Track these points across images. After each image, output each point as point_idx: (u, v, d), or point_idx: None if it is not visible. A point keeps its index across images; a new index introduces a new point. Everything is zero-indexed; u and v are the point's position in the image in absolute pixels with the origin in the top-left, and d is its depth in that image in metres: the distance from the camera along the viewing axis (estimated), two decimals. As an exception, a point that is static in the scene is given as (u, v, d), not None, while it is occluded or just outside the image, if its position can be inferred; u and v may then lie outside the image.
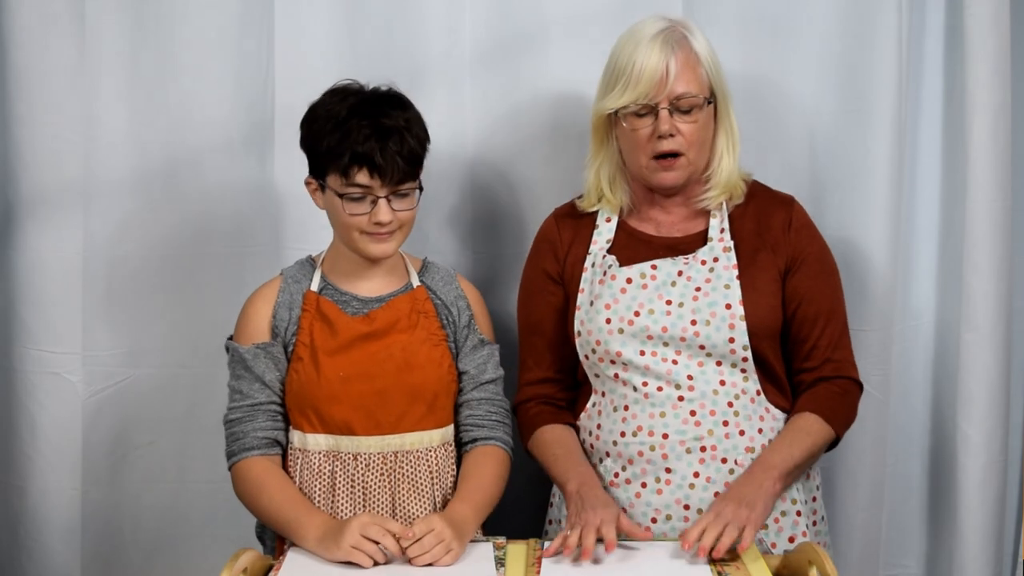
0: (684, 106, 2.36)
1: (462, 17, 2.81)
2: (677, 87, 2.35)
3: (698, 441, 2.38)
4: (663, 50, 2.34)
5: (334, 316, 2.41)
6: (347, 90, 2.36)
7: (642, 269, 2.44)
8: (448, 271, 2.55)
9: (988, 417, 2.76)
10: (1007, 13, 2.71)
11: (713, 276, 2.41)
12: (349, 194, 2.32)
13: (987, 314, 2.75)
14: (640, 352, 2.40)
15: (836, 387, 2.44)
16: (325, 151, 2.31)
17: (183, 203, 2.84)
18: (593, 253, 2.49)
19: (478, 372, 2.48)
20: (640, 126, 2.38)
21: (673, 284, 2.42)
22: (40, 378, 2.85)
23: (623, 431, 2.42)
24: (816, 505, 2.50)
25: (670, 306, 2.40)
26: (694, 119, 2.37)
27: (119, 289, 2.86)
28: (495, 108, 2.83)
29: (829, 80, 2.79)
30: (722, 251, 2.43)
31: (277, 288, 2.45)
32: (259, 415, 2.39)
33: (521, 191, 2.85)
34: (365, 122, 2.29)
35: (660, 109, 2.35)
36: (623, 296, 2.43)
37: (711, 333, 2.38)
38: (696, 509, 2.38)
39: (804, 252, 2.45)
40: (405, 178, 2.33)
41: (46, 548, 2.89)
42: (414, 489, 2.41)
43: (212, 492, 2.85)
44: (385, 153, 2.28)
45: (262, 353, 2.40)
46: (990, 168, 2.72)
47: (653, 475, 2.39)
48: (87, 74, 2.80)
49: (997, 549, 2.82)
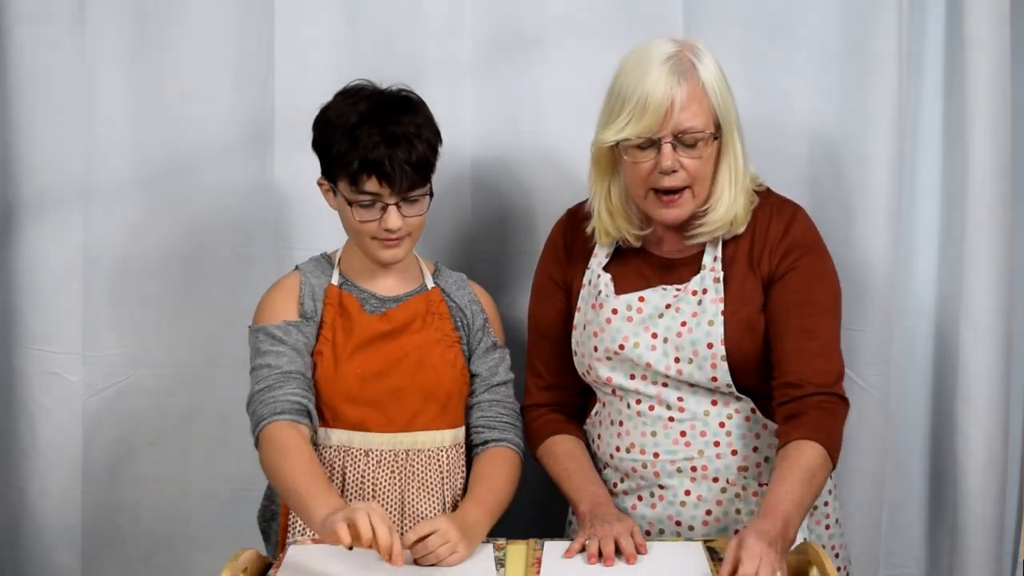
0: (688, 140, 2.24)
1: (463, 18, 2.80)
2: (682, 121, 2.23)
3: (688, 461, 2.36)
4: (669, 81, 2.21)
5: (355, 312, 2.41)
6: (359, 93, 2.36)
7: (629, 301, 2.38)
8: (460, 276, 2.56)
9: (988, 417, 2.76)
10: (1007, 15, 2.71)
11: (700, 310, 2.33)
12: (359, 201, 2.32)
13: (987, 314, 2.74)
14: (630, 376, 2.38)
15: (820, 407, 2.28)
16: (335, 158, 2.32)
17: (183, 204, 2.84)
18: (592, 269, 2.45)
19: (490, 374, 2.49)
20: (642, 159, 2.27)
21: (660, 316, 2.36)
22: (41, 378, 2.85)
23: (618, 446, 2.41)
24: (828, 509, 2.47)
25: (656, 339, 2.35)
26: (698, 154, 2.26)
27: (120, 289, 2.86)
28: (495, 109, 2.82)
29: (829, 82, 2.78)
30: (712, 282, 2.34)
31: (298, 280, 2.44)
32: (290, 381, 2.33)
33: (521, 193, 2.85)
34: (375, 130, 2.28)
35: (663, 143, 2.24)
36: (608, 327, 2.38)
37: (693, 372, 2.33)
38: (687, 526, 2.37)
39: (790, 267, 2.33)
40: (414, 185, 2.32)
41: (46, 549, 2.89)
42: (424, 488, 2.41)
43: (212, 493, 2.86)
44: (394, 161, 2.28)
45: (294, 329, 2.37)
46: (990, 169, 2.72)
47: (647, 490, 2.38)
48: (87, 75, 2.80)
49: (997, 549, 2.81)
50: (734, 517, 2.37)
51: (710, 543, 2.28)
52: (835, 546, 2.47)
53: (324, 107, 2.37)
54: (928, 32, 2.81)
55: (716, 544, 2.28)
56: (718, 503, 2.36)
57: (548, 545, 2.28)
